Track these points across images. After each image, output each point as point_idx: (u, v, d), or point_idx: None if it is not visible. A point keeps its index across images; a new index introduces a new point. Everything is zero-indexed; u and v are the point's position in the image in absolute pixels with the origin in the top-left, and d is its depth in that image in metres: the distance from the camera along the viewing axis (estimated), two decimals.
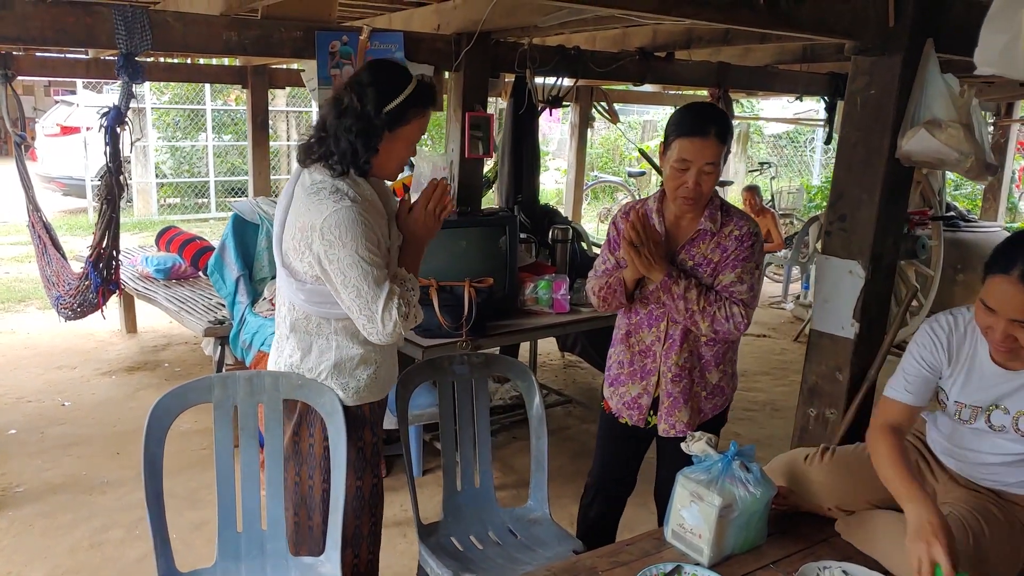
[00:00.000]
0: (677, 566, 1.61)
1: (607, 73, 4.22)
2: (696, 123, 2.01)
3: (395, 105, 1.89)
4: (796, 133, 13.53)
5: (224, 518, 2.02)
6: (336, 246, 1.86)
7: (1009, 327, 1.58)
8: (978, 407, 1.75)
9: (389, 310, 1.89)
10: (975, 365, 1.75)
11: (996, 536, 1.66)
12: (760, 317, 6.80)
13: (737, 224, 2.11)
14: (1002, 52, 1.84)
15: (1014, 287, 1.54)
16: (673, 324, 2.15)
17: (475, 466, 2.35)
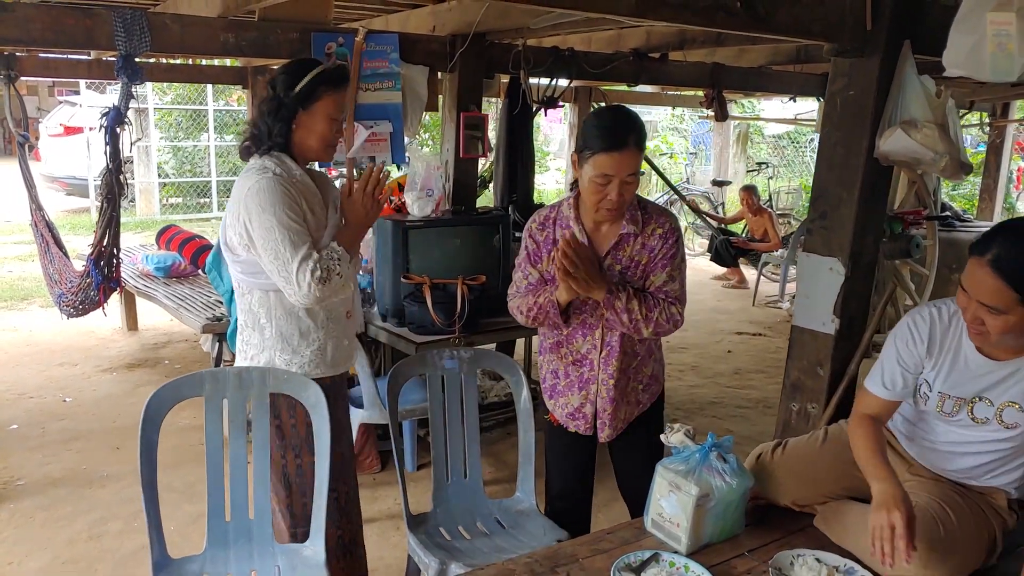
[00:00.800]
0: (655, 553, 1.65)
1: (601, 74, 4.27)
2: (613, 136, 1.94)
3: (303, 84, 2.09)
4: (797, 134, 13.55)
5: (214, 507, 2.08)
6: (257, 213, 2.03)
7: (977, 309, 1.62)
8: (962, 399, 1.76)
9: (303, 272, 2.00)
10: (960, 355, 1.76)
11: (963, 525, 1.70)
12: (756, 316, 6.84)
13: (659, 222, 2.09)
14: (969, 54, 1.89)
15: (984, 271, 1.58)
16: (609, 331, 2.12)
17: (464, 458, 2.39)
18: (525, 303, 2.15)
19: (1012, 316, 1.58)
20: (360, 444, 3.47)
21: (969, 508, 1.75)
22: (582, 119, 7.05)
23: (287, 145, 2.14)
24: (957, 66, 1.93)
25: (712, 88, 5.05)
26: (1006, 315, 1.58)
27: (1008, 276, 1.55)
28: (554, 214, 2.14)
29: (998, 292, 1.57)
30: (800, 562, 1.73)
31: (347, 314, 2.27)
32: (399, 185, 3.70)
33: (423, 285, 3.22)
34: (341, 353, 2.25)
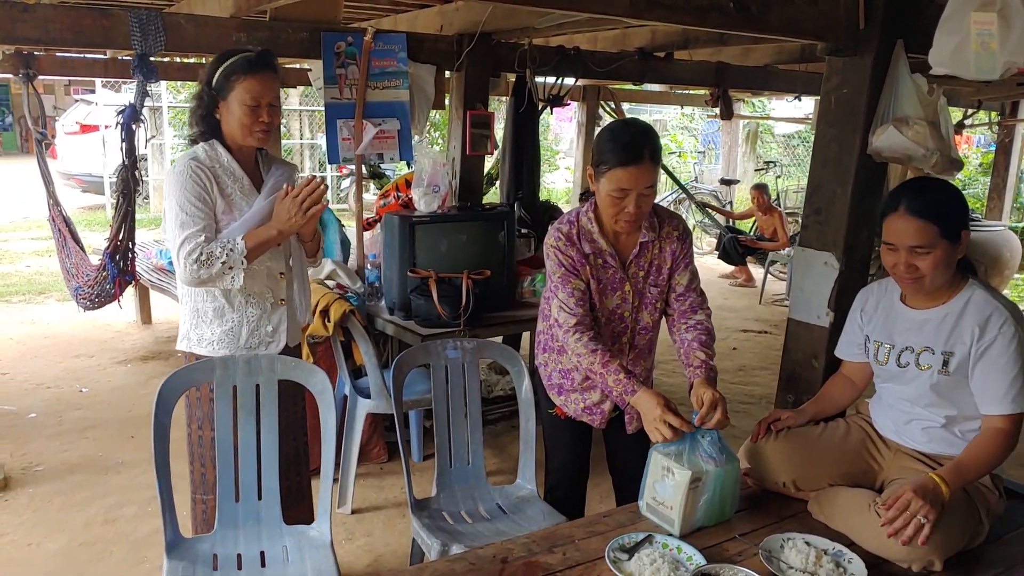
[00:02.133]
0: (648, 535, 1.70)
1: (607, 73, 4.33)
2: (631, 151, 1.97)
3: (217, 76, 2.22)
4: (808, 133, 13.53)
5: (223, 490, 2.16)
6: (166, 195, 2.23)
7: (909, 256, 1.80)
8: (891, 345, 1.96)
9: (183, 250, 2.15)
10: (891, 310, 1.98)
11: (953, 506, 1.74)
12: (762, 314, 6.88)
13: (672, 224, 2.19)
14: (953, 53, 1.95)
15: (903, 219, 1.80)
16: (640, 335, 2.23)
17: (467, 445, 2.46)
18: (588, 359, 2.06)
19: (938, 250, 1.78)
20: (367, 435, 3.55)
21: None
22: (590, 122, 7.12)
23: (218, 133, 2.27)
24: (942, 64, 1.99)
25: (717, 87, 5.09)
26: (933, 251, 1.78)
27: (924, 215, 1.77)
28: (575, 230, 2.13)
29: (920, 231, 1.78)
30: (790, 545, 1.78)
31: (279, 301, 2.37)
32: (406, 181, 3.78)
33: (429, 279, 3.29)
34: (258, 337, 2.35)
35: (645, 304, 2.21)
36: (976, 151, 10.71)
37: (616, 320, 2.20)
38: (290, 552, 2.12)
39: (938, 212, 1.78)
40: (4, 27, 2.91)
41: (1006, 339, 1.78)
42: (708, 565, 1.64)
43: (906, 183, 1.89)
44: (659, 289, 2.20)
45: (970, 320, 1.82)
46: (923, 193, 1.81)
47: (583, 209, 2.17)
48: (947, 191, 1.85)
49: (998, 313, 1.80)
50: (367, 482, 3.51)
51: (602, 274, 2.16)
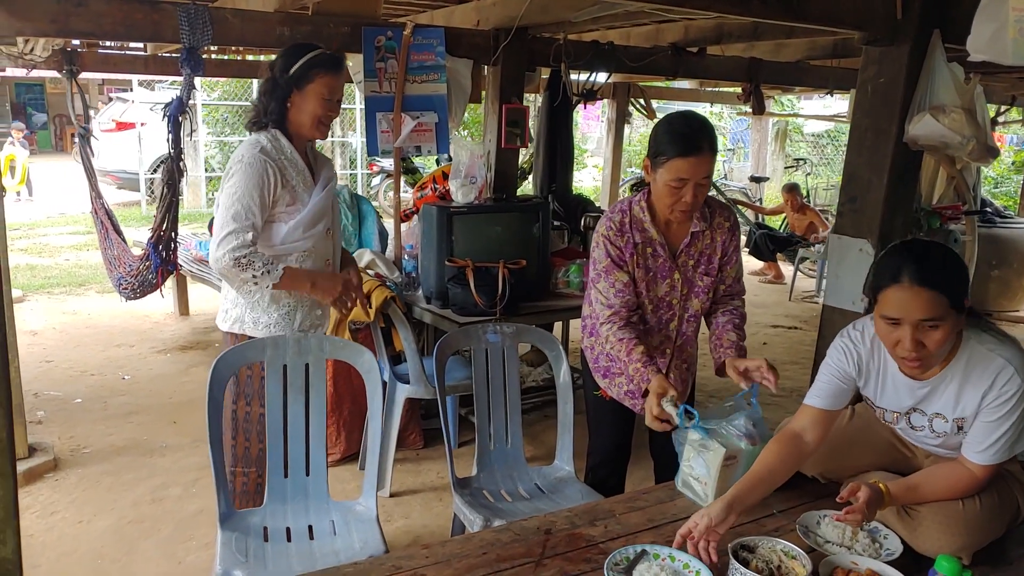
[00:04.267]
0: (643, 550, 1.66)
1: (640, 68, 4.37)
2: (690, 141, 2.02)
3: (297, 67, 2.32)
4: (837, 132, 13.45)
5: (273, 465, 2.24)
6: (230, 177, 2.30)
7: (916, 332, 1.63)
8: (897, 412, 1.85)
9: (227, 241, 2.24)
10: (888, 376, 1.82)
11: (984, 504, 1.74)
12: (792, 311, 6.88)
13: (723, 215, 2.24)
14: (990, 40, 1.97)
15: (908, 291, 1.61)
16: (688, 322, 2.28)
17: (506, 426, 2.53)
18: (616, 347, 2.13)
19: (948, 322, 1.62)
20: (404, 421, 3.63)
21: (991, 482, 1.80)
22: (620, 119, 7.16)
23: (282, 122, 2.37)
24: (980, 51, 2.01)
25: (749, 82, 5.10)
26: (943, 323, 1.62)
27: (933, 285, 1.60)
28: (627, 219, 2.18)
29: (931, 302, 1.60)
30: (826, 522, 1.81)
31: None
32: (443, 174, 3.85)
33: (466, 268, 3.36)
34: (310, 320, 2.49)
35: (696, 292, 2.27)
36: (1009, 149, 10.57)
37: (664, 307, 2.26)
38: (337, 526, 2.19)
39: (946, 280, 1.61)
40: (59, 21, 3.01)
41: (1009, 394, 1.67)
42: (747, 538, 1.68)
43: (900, 250, 1.70)
44: (711, 278, 2.26)
45: (977, 384, 1.70)
46: (927, 260, 1.62)
47: (635, 199, 2.22)
48: (948, 255, 1.68)
49: (1004, 372, 1.68)
50: (404, 467, 3.59)
51: (651, 263, 2.21)
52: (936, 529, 1.71)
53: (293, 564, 2.00)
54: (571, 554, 1.69)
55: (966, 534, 1.70)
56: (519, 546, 1.71)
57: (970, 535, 1.70)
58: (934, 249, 1.69)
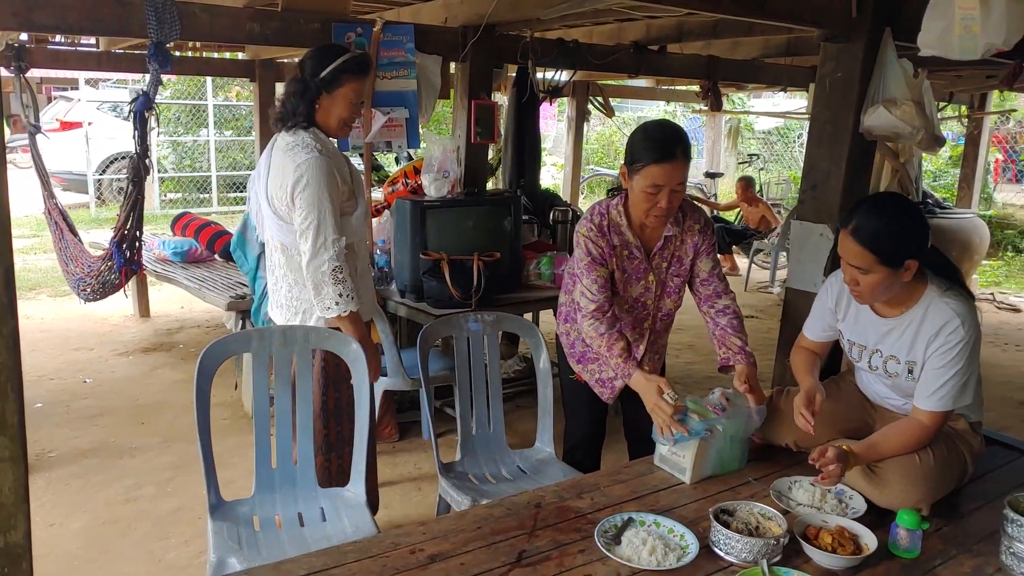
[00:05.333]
0: (629, 518, 1.75)
1: (604, 65, 4.48)
2: (664, 148, 2.08)
3: (329, 70, 2.39)
4: (786, 129, 13.84)
5: (260, 455, 2.26)
6: (310, 185, 2.34)
7: (851, 272, 1.90)
8: (864, 346, 2.06)
9: (330, 251, 2.35)
10: (862, 312, 2.06)
11: (936, 453, 1.91)
12: (749, 300, 7.08)
13: (694, 218, 2.33)
14: (940, 36, 2.12)
15: (848, 240, 1.87)
16: (661, 321, 2.39)
17: (488, 412, 2.60)
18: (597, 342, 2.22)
19: (876, 274, 1.86)
20: (380, 414, 3.66)
21: (942, 439, 1.95)
22: (580, 116, 7.27)
23: (312, 123, 2.44)
24: (930, 47, 2.17)
25: (708, 79, 5.26)
26: (871, 274, 1.86)
27: (864, 242, 1.84)
28: (605, 222, 2.26)
29: (860, 255, 1.85)
30: (797, 486, 1.94)
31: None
32: (414, 169, 3.90)
33: (441, 261, 3.42)
34: (366, 306, 2.58)
35: (668, 292, 2.37)
36: (947, 144, 11.02)
37: (639, 307, 2.36)
38: (327, 512, 2.23)
39: (876, 242, 1.83)
40: (20, 14, 2.92)
41: (952, 343, 1.86)
42: (727, 502, 1.79)
43: (865, 202, 1.93)
44: (681, 279, 2.36)
45: (927, 330, 1.90)
46: (870, 220, 1.85)
47: (613, 203, 2.30)
48: (895, 222, 1.86)
49: (953, 322, 1.87)
50: (381, 459, 3.60)
51: (627, 264, 2.31)
52: (898, 483, 1.85)
53: (287, 550, 2.02)
54: (561, 525, 1.77)
55: (925, 485, 1.85)
56: (511, 520, 1.78)
57: (928, 486, 1.85)
58: (889, 208, 1.90)
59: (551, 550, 1.66)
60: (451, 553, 1.63)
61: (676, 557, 1.63)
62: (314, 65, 2.42)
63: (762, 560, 1.57)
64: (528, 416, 4.09)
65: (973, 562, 1.67)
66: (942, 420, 1.92)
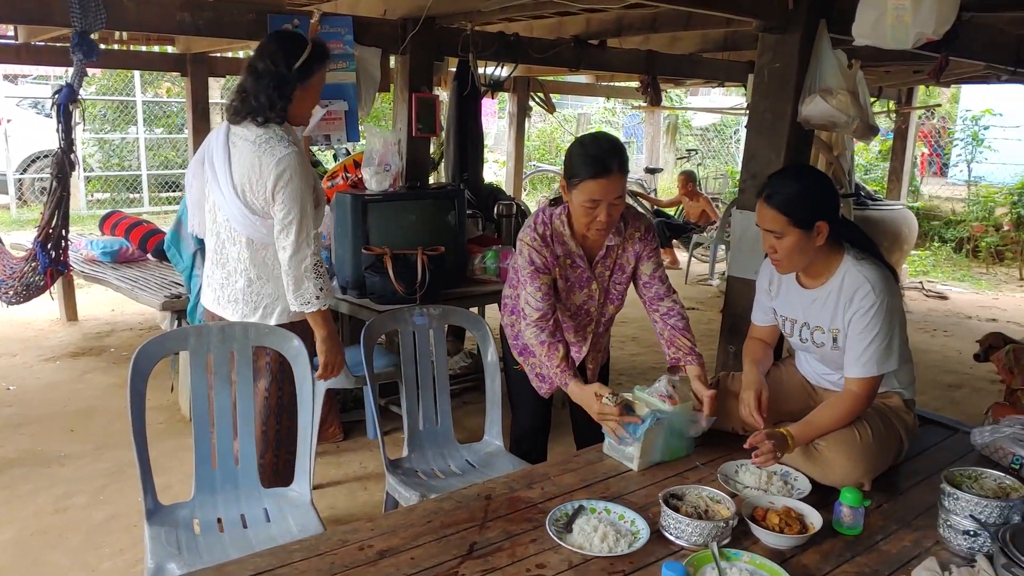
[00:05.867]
0: (580, 505, 1.76)
1: (545, 59, 4.48)
2: (600, 163, 2.09)
3: (302, 61, 2.35)
4: (722, 125, 14.14)
5: (200, 456, 2.19)
6: (293, 181, 2.32)
7: (768, 238, 2.01)
8: (794, 320, 2.14)
9: (311, 249, 2.36)
10: (790, 286, 2.15)
11: (875, 431, 1.97)
12: (690, 293, 7.21)
13: (636, 226, 2.33)
14: (873, 25, 2.19)
15: (763, 206, 2.00)
16: (604, 326, 2.41)
17: (435, 407, 2.56)
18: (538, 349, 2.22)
19: (790, 237, 1.97)
20: (324, 413, 3.59)
21: (877, 417, 2.03)
22: (521, 112, 7.28)
23: (285, 116, 2.39)
24: (864, 36, 2.23)
25: (647, 74, 5.32)
26: (786, 237, 1.97)
27: (777, 205, 1.96)
28: (548, 231, 2.26)
29: (774, 219, 1.97)
30: (744, 469, 1.97)
31: None
32: (354, 162, 3.83)
33: (384, 256, 3.36)
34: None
35: (611, 299, 2.40)
36: (876, 139, 11.44)
37: (583, 315, 2.38)
38: (271, 513, 2.17)
39: (788, 204, 1.94)
40: None
41: (864, 308, 1.95)
42: (675, 487, 1.80)
43: (777, 171, 2.10)
44: (623, 285, 2.39)
45: (844, 297, 1.99)
46: (781, 186, 1.98)
47: (556, 212, 2.30)
48: (803, 186, 1.99)
49: (864, 287, 1.95)
50: (325, 459, 3.55)
51: (571, 273, 2.32)
52: (841, 461, 1.91)
53: (230, 552, 1.96)
54: (512, 515, 1.76)
55: (865, 461, 1.91)
56: (462, 512, 1.76)
57: (869, 462, 1.92)
58: (800, 175, 2.07)
59: (503, 541, 1.64)
60: (401, 548, 1.60)
61: (627, 543, 1.63)
62: (286, 56, 2.35)
63: (712, 543, 1.59)
64: (475, 412, 4.08)
65: (913, 536, 1.72)
66: (871, 387, 1.99)
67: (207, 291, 2.57)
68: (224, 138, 2.42)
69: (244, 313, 2.46)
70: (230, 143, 2.40)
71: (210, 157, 2.44)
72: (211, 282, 2.54)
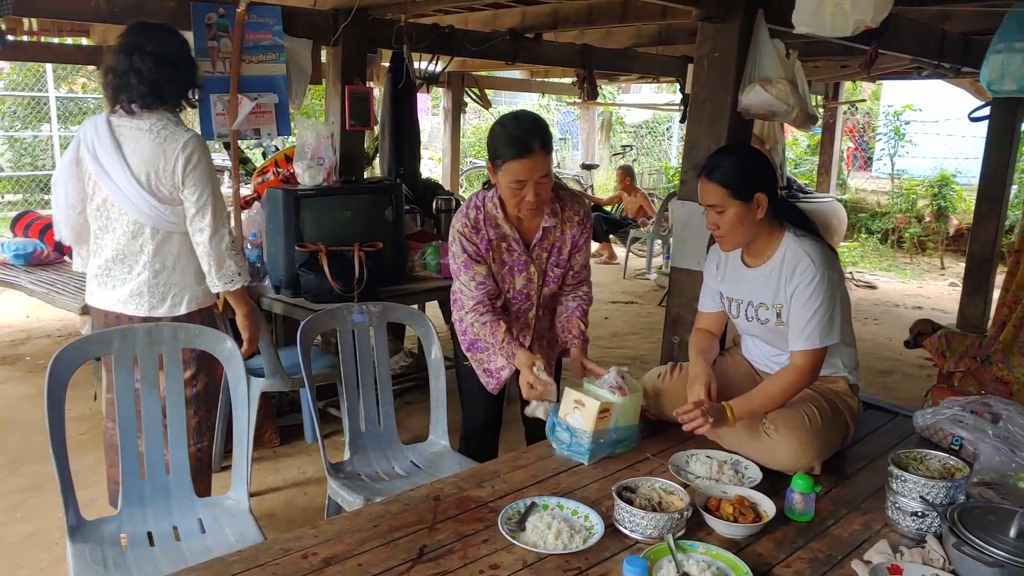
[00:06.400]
0: (532, 503, 1.71)
1: (480, 52, 4.42)
2: (522, 143, 2.06)
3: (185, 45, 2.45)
4: (655, 123, 14.34)
5: (127, 466, 2.05)
6: (203, 167, 2.37)
7: (710, 215, 2.05)
8: (740, 300, 2.17)
9: (225, 229, 2.41)
10: (735, 267, 2.18)
11: (823, 415, 1.99)
12: (628, 287, 7.27)
13: (573, 209, 2.31)
14: (813, 13, 2.22)
15: (704, 181, 2.05)
16: (546, 308, 2.37)
17: (378, 407, 2.48)
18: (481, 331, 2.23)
19: (731, 209, 2.01)
20: (260, 418, 3.45)
21: (824, 400, 2.05)
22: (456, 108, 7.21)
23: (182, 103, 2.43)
24: (804, 24, 2.26)
25: (583, 68, 5.31)
26: (727, 210, 2.01)
27: (716, 178, 2.01)
28: (480, 215, 2.22)
29: (714, 192, 2.01)
30: (694, 459, 1.96)
31: None
32: (285, 157, 3.70)
33: (319, 253, 3.25)
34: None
35: (548, 283, 2.35)
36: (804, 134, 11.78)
37: (523, 299, 2.34)
38: (206, 524, 2.05)
39: (726, 177, 2.00)
40: None
41: (805, 281, 1.98)
42: (628, 480, 1.77)
43: (714, 152, 2.16)
44: (561, 269, 2.35)
45: (786, 272, 2.02)
46: (719, 160, 2.04)
47: (489, 195, 2.25)
48: (740, 159, 2.06)
49: (804, 261, 1.99)
50: (261, 466, 3.42)
51: (507, 257, 2.27)
52: (791, 444, 1.92)
53: (161, 567, 1.85)
54: (463, 516, 1.70)
55: (815, 443, 1.93)
56: (410, 515, 1.70)
57: (818, 443, 1.93)
58: (736, 152, 2.15)
59: (454, 542, 1.58)
60: (347, 555, 1.52)
61: (582, 539, 1.59)
62: (180, 40, 2.41)
63: (668, 535, 1.56)
64: (418, 412, 3.99)
65: (862, 519, 1.73)
66: (813, 360, 2.00)
67: (100, 293, 2.49)
68: (107, 130, 2.34)
69: (151, 305, 2.43)
70: (117, 135, 2.34)
71: (92, 153, 2.36)
72: (106, 282, 2.46)
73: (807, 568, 1.53)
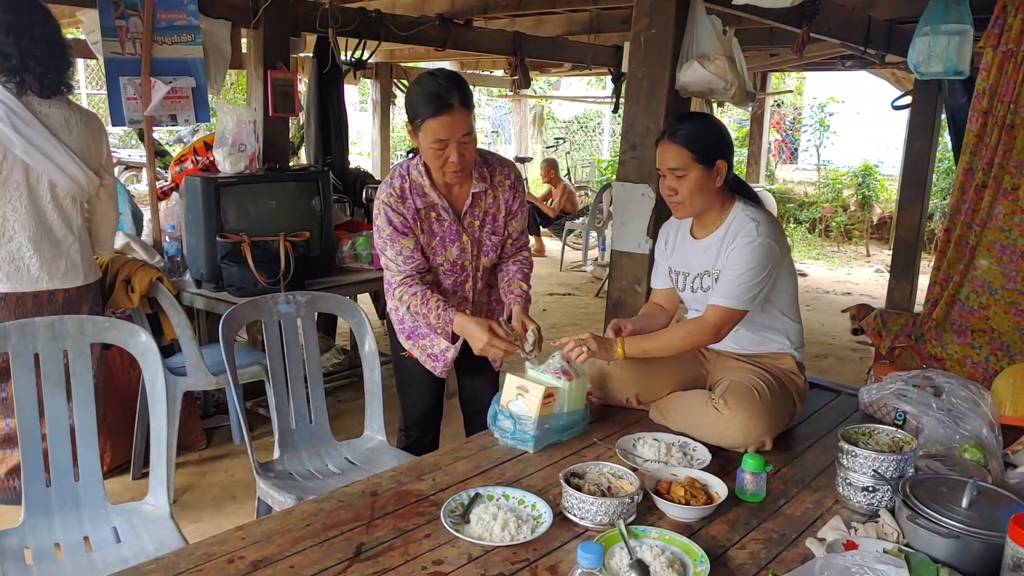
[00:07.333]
0: (476, 494, 1.64)
1: (409, 37, 4.29)
2: (440, 100, 1.95)
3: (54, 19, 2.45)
4: (586, 119, 14.43)
5: (30, 473, 1.88)
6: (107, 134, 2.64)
7: (669, 180, 2.02)
8: (687, 273, 2.15)
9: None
10: (684, 241, 2.17)
11: (772, 392, 1.97)
12: (564, 279, 7.25)
13: (504, 173, 2.21)
14: None
15: (665, 144, 2.02)
16: (483, 280, 2.27)
17: (308, 403, 2.34)
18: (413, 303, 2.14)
19: (692, 174, 1.98)
20: (183, 419, 3.25)
21: (772, 377, 2.03)
22: (385, 100, 7.05)
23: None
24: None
25: (515, 55, 5.24)
26: (688, 174, 1.98)
27: (680, 140, 1.98)
28: (406, 184, 2.11)
29: (677, 154, 1.98)
30: (642, 443, 1.90)
31: None
32: (204, 144, 3.50)
33: (242, 244, 3.08)
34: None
35: (485, 251, 2.24)
36: (732, 127, 12.01)
37: (458, 271, 2.22)
38: (122, 532, 1.89)
39: (690, 138, 1.98)
40: None
41: (744, 243, 1.97)
42: (575, 466, 1.69)
43: (676, 116, 2.14)
44: (498, 237, 2.24)
45: (729, 236, 2.02)
46: (682, 124, 2.03)
47: (414, 163, 2.13)
48: (704, 124, 2.06)
49: (749, 225, 1.99)
50: (186, 469, 3.23)
51: (437, 227, 2.15)
52: (742, 419, 1.88)
53: None
54: (402, 511, 1.59)
55: (765, 416, 1.90)
56: (345, 512, 1.58)
57: (768, 418, 1.90)
58: (695, 117, 2.17)
59: (394, 539, 1.48)
60: (278, 557, 1.40)
61: (530, 528, 1.51)
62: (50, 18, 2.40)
63: (618, 520, 1.49)
64: (351, 410, 3.85)
65: (813, 497, 1.70)
66: (724, 319, 1.99)
67: (25, 276, 2.48)
68: (26, 113, 2.37)
69: (86, 275, 2.58)
70: (40, 117, 2.41)
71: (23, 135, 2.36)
72: (34, 263, 2.48)
73: (762, 549, 1.49)
